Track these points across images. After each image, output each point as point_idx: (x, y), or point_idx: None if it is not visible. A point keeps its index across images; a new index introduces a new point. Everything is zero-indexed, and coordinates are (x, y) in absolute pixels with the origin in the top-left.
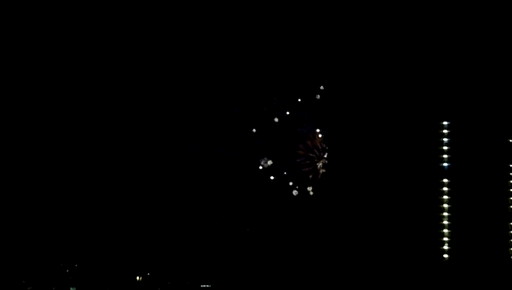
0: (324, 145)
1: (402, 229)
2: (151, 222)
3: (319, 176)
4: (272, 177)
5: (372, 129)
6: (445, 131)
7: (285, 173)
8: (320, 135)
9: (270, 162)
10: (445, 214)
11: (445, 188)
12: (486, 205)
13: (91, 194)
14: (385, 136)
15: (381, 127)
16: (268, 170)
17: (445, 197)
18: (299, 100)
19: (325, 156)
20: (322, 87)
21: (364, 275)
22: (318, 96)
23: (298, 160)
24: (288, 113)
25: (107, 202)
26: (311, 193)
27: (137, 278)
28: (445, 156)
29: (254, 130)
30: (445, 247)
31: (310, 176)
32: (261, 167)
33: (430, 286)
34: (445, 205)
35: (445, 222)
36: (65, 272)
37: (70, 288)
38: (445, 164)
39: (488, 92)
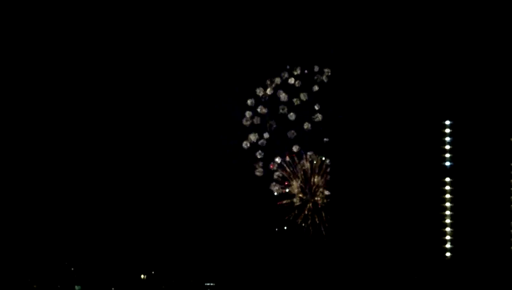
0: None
1: (404, 228)
2: (156, 221)
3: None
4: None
5: (374, 128)
6: (447, 130)
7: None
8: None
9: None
10: (448, 212)
11: (447, 187)
12: (488, 204)
13: (95, 193)
14: (387, 134)
15: (383, 125)
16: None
17: (448, 196)
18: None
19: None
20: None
21: (366, 274)
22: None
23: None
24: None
25: (112, 200)
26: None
27: (142, 276)
28: (447, 155)
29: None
30: (448, 245)
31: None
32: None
33: (433, 284)
34: (448, 204)
35: (448, 221)
36: (70, 271)
37: (75, 286)
38: (447, 163)
39: (490, 91)
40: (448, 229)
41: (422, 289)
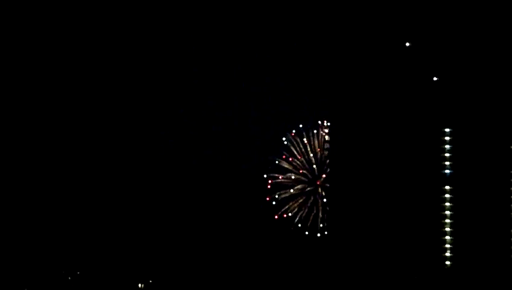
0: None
1: (404, 235)
2: (153, 230)
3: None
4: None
5: (375, 136)
6: (447, 138)
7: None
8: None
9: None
10: (448, 220)
11: (447, 195)
12: (488, 211)
13: (93, 203)
14: (388, 142)
15: (384, 133)
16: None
17: (447, 203)
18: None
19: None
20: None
21: (366, 281)
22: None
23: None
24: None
25: (109, 210)
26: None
27: (140, 285)
28: (447, 162)
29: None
30: (448, 253)
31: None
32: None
33: None
34: (448, 212)
35: (447, 229)
36: (67, 280)
37: None
38: (447, 171)
39: (489, 99)
40: (448, 237)
41: None
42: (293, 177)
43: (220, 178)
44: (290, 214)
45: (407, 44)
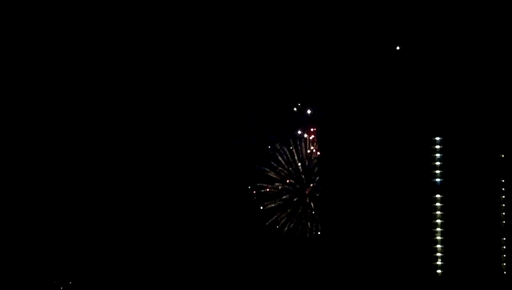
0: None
1: (395, 244)
2: (147, 237)
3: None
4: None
5: (364, 144)
6: (437, 146)
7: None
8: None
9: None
10: (438, 229)
11: (438, 204)
12: (479, 220)
13: (84, 210)
14: (377, 150)
15: (373, 142)
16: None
17: (438, 212)
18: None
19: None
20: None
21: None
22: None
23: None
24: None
25: (101, 218)
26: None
27: None
28: (437, 171)
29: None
30: (439, 262)
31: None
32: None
33: None
34: (438, 221)
35: (438, 238)
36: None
37: None
38: (437, 180)
39: (480, 107)
40: (439, 246)
41: None
42: (280, 187)
43: (204, 188)
44: (277, 227)
45: (398, 48)
